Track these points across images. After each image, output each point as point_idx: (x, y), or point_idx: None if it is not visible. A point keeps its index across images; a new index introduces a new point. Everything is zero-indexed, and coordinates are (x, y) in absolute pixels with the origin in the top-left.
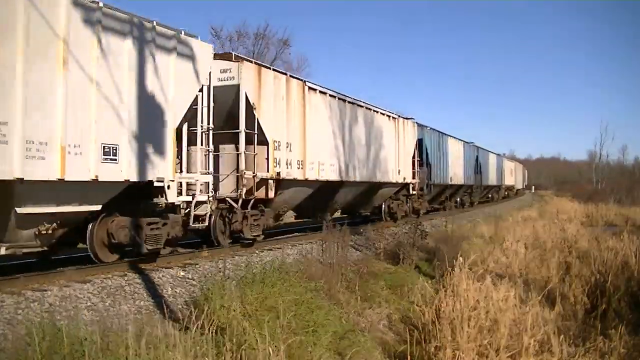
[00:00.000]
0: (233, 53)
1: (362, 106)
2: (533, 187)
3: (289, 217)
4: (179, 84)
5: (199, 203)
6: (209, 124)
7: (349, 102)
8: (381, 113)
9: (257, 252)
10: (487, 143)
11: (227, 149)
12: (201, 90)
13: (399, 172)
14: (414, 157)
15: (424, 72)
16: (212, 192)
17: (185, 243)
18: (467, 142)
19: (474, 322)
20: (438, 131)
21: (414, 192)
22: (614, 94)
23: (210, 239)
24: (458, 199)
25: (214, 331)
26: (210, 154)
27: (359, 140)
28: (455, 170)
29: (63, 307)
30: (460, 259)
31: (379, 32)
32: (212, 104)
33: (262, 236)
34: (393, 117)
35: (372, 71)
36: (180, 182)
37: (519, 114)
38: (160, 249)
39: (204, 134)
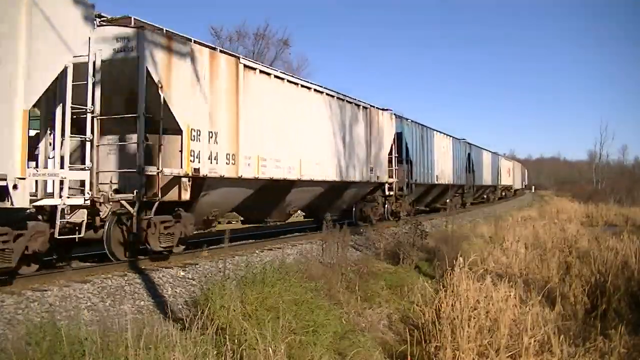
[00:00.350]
0: (133, 17)
1: (321, 92)
2: (533, 187)
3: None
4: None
5: (74, 208)
6: (89, 105)
7: (302, 85)
8: (348, 101)
9: (257, 252)
10: (488, 143)
11: (128, 139)
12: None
13: (370, 170)
14: (391, 153)
15: (424, 72)
16: (88, 193)
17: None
18: (458, 138)
19: (474, 322)
20: (421, 124)
21: (391, 193)
22: (614, 94)
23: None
24: (447, 200)
25: (214, 331)
26: (91, 143)
27: (317, 132)
28: (443, 168)
29: (63, 307)
30: (460, 259)
31: (378, 31)
32: (92, 80)
33: (181, 247)
34: (364, 107)
35: (372, 71)
36: (44, 181)
37: (519, 114)
38: (10, 268)
39: (80, 118)
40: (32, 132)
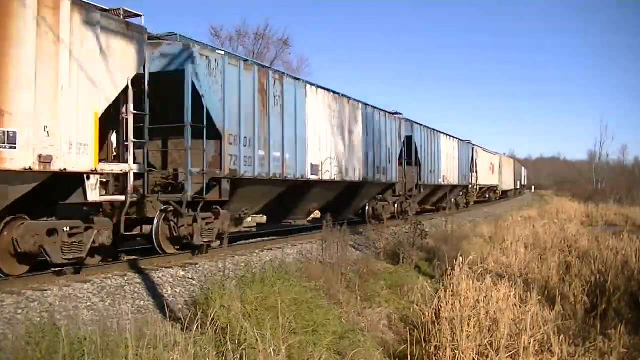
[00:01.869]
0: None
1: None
2: (533, 187)
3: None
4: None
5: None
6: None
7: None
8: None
9: (257, 251)
10: (488, 143)
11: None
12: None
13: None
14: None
15: (423, 72)
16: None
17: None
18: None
19: (474, 322)
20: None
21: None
22: (614, 94)
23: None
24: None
25: (214, 331)
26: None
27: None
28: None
29: (63, 307)
30: (460, 258)
31: (378, 30)
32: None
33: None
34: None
35: (372, 71)
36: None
37: (519, 114)
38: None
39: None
40: None
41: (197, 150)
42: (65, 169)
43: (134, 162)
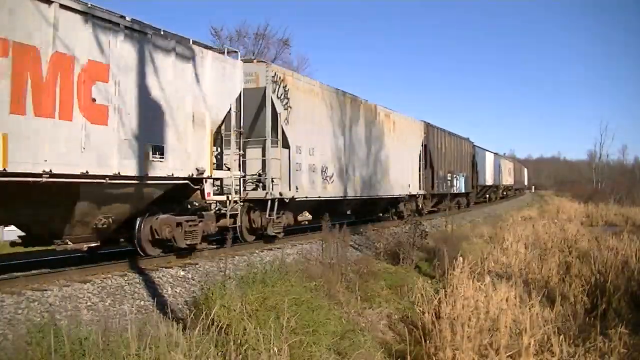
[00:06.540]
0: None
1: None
2: (533, 187)
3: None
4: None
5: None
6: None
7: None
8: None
9: (257, 251)
10: (488, 143)
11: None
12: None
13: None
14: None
15: (423, 72)
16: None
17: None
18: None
19: (474, 322)
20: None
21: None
22: (614, 94)
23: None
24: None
25: (216, 331)
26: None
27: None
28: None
29: (63, 307)
30: (460, 258)
31: (378, 30)
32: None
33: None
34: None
35: (372, 71)
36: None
37: (519, 113)
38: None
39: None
40: None
41: None
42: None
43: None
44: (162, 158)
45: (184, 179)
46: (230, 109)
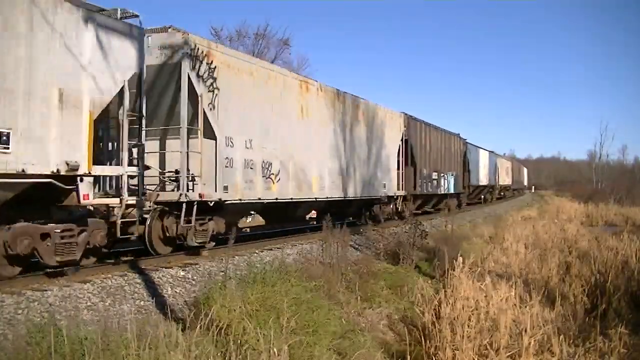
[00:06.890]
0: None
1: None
2: (533, 186)
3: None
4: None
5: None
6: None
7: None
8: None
9: (257, 252)
10: (488, 143)
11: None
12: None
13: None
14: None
15: (423, 71)
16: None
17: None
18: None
19: (474, 322)
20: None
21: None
22: (614, 94)
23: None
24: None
25: (216, 331)
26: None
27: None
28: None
29: (63, 307)
30: (460, 258)
31: (377, 30)
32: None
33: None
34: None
35: (371, 71)
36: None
37: (519, 113)
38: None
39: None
40: None
41: None
42: None
43: None
44: (7, 149)
45: (46, 176)
46: (123, 87)
